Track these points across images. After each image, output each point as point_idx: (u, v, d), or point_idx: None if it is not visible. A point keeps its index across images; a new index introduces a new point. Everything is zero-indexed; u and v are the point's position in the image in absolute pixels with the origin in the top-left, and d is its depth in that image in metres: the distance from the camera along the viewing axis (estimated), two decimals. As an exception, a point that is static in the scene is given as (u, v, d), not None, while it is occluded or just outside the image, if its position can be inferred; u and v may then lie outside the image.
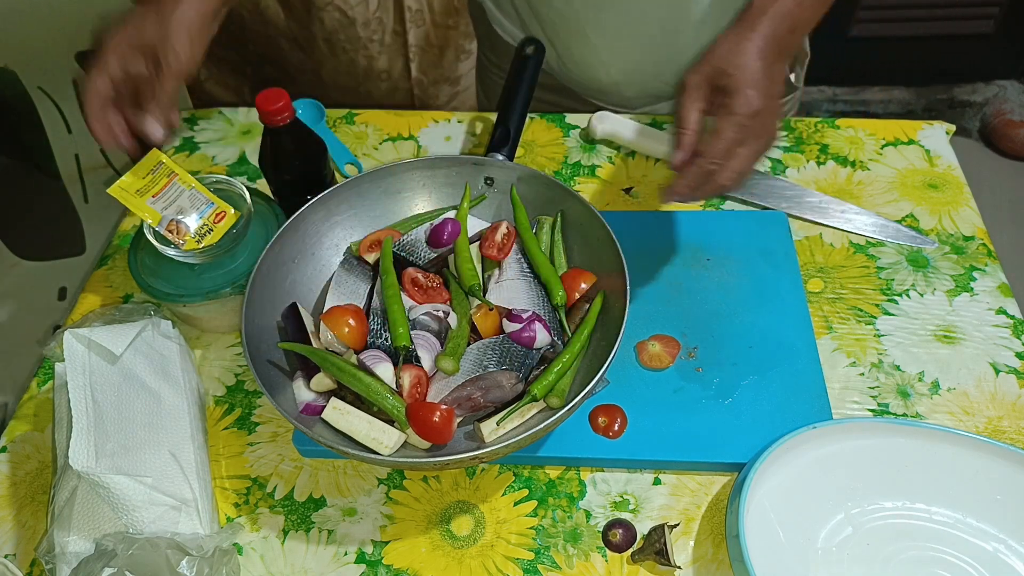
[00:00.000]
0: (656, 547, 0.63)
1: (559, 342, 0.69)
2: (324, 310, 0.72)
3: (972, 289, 0.81)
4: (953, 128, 0.96)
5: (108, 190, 0.70)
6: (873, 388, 0.74)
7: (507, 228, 0.76)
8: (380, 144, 1.00)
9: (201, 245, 0.73)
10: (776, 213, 0.87)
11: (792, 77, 1.03)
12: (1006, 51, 2.17)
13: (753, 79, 0.63)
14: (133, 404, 0.67)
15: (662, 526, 0.64)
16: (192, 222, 0.74)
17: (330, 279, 0.77)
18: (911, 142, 0.95)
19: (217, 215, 0.75)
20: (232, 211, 0.75)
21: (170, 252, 0.74)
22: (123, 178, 0.72)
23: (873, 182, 0.91)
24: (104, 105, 0.67)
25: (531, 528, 0.67)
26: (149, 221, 0.72)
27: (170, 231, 0.73)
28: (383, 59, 1.23)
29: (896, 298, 0.80)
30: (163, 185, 0.73)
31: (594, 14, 0.89)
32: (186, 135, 1.04)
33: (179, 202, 0.73)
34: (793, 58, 0.65)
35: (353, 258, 0.78)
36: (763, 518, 0.63)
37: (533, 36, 0.93)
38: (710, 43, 0.66)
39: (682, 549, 0.66)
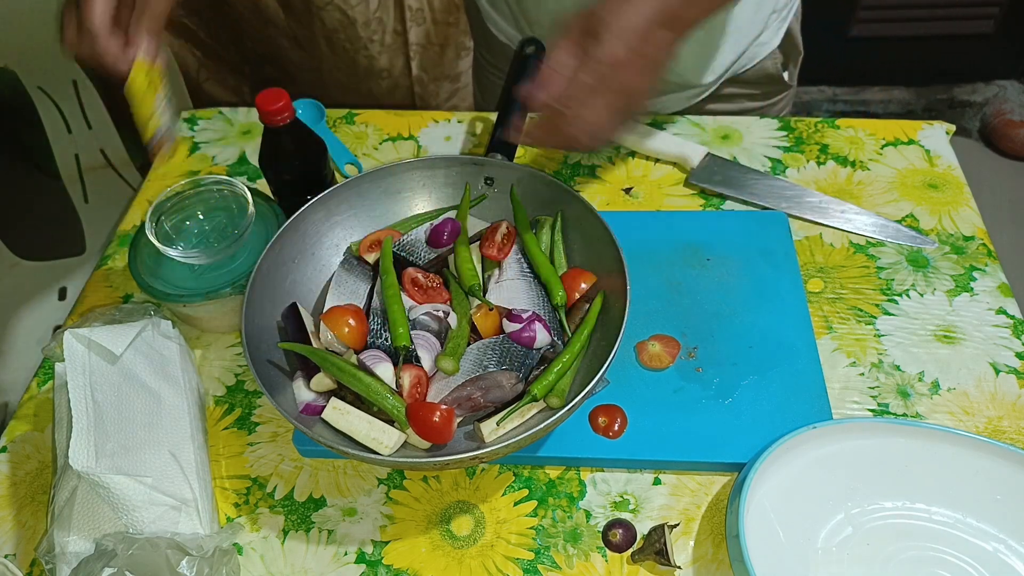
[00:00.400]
0: (656, 547, 0.63)
1: (559, 342, 0.69)
2: (324, 310, 0.72)
3: (972, 289, 0.81)
4: (953, 128, 0.96)
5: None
6: (873, 388, 0.74)
7: (507, 228, 0.76)
8: (380, 144, 1.00)
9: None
10: (776, 213, 0.87)
11: (785, 75, 1.02)
12: (1006, 51, 2.17)
13: (624, 30, 0.59)
14: (133, 404, 0.67)
15: (662, 526, 0.64)
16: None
17: (330, 279, 0.77)
18: (911, 142, 0.95)
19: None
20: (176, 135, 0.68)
21: (171, 252, 0.74)
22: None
23: (873, 182, 0.91)
24: (108, 24, 0.66)
25: (531, 528, 0.67)
26: (148, 131, 0.66)
27: (158, 147, 0.67)
28: (383, 58, 1.24)
29: (896, 298, 0.80)
30: (158, 88, 0.66)
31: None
32: (186, 135, 1.04)
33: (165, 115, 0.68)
34: (687, 38, 0.64)
35: (353, 258, 0.78)
36: (763, 518, 0.63)
37: (533, 36, 0.93)
38: (699, 43, 0.65)
39: (682, 549, 0.66)
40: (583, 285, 0.72)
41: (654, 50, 0.61)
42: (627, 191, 0.92)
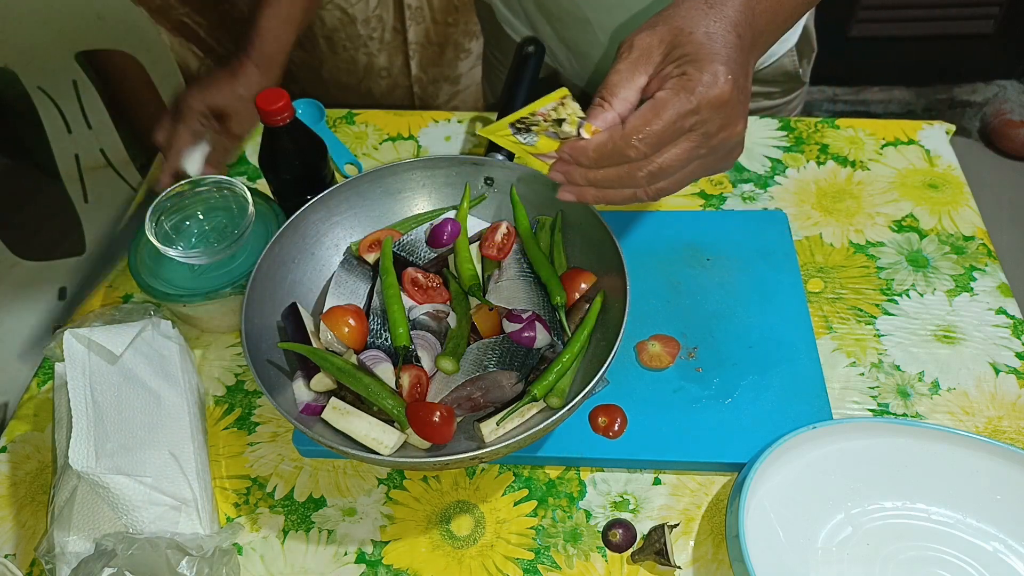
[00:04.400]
0: (656, 547, 0.63)
1: (559, 342, 0.69)
2: (324, 310, 0.72)
3: (972, 289, 0.81)
4: (953, 128, 0.96)
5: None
6: (873, 388, 0.74)
7: (507, 228, 0.76)
8: (380, 144, 1.00)
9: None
10: (776, 213, 0.87)
11: (799, 72, 1.02)
12: (1006, 51, 2.17)
13: (727, 56, 0.46)
14: (133, 404, 0.67)
15: (662, 526, 0.64)
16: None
17: (330, 279, 0.77)
18: (911, 142, 0.95)
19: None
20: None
21: (171, 252, 0.74)
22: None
23: (873, 182, 0.91)
24: (181, 151, 0.81)
25: (531, 528, 0.67)
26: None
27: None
28: (383, 56, 1.24)
29: (896, 298, 0.80)
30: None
31: (604, 13, 0.89)
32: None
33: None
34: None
35: (353, 258, 0.78)
36: (763, 518, 0.63)
37: (534, 36, 0.93)
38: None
39: (682, 549, 0.66)
40: (583, 285, 0.72)
41: (749, 87, 0.49)
42: (627, 191, 0.92)
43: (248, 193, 0.77)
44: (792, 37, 0.98)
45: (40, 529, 0.69)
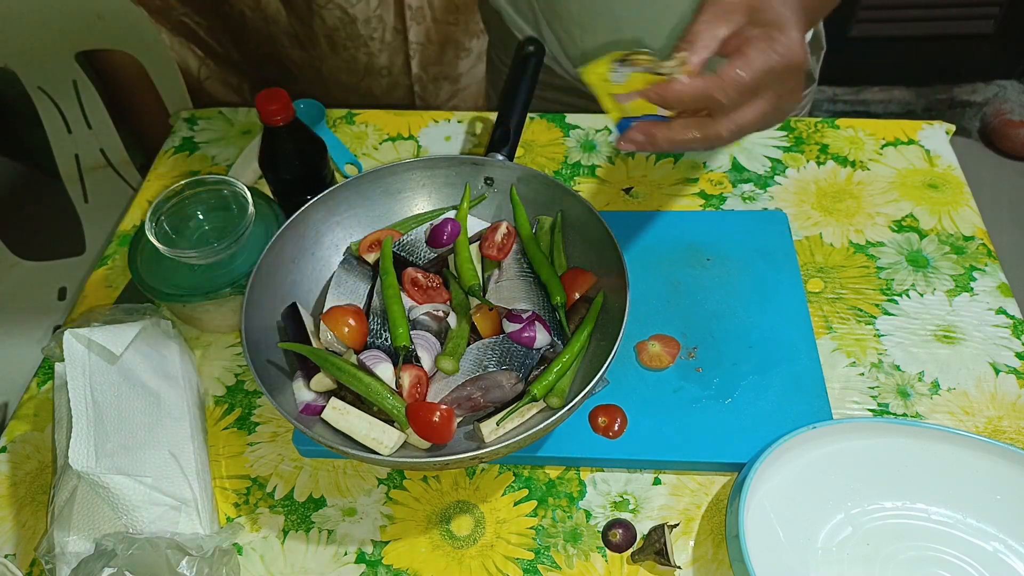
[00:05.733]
0: (656, 547, 0.63)
1: (559, 342, 0.69)
2: (324, 310, 0.72)
3: (972, 289, 0.81)
4: (953, 128, 0.96)
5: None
6: (873, 388, 0.74)
7: (507, 228, 0.76)
8: (380, 144, 1.00)
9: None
10: (776, 213, 0.87)
11: (813, 70, 1.03)
12: (1006, 51, 2.17)
13: (800, 25, 0.52)
14: (133, 404, 0.67)
15: (662, 526, 0.64)
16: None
17: (330, 279, 0.77)
18: (911, 142, 0.95)
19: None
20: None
21: (171, 252, 0.74)
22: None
23: (873, 182, 0.91)
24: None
25: (531, 528, 0.67)
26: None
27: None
28: (383, 56, 1.24)
29: (896, 298, 0.80)
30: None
31: (626, 10, 0.88)
32: (186, 135, 1.04)
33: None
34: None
35: (353, 258, 0.78)
36: (763, 518, 0.63)
37: (534, 36, 0.93)
38: None
39: (682, 549, 0.66)
40: (583, 285, 0.72)
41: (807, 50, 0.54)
42: (627, 191, 0.92)
43: (248, 193, 0.77)
44: (806, 36, 0.98)
45: (40, 529, 0.69)
